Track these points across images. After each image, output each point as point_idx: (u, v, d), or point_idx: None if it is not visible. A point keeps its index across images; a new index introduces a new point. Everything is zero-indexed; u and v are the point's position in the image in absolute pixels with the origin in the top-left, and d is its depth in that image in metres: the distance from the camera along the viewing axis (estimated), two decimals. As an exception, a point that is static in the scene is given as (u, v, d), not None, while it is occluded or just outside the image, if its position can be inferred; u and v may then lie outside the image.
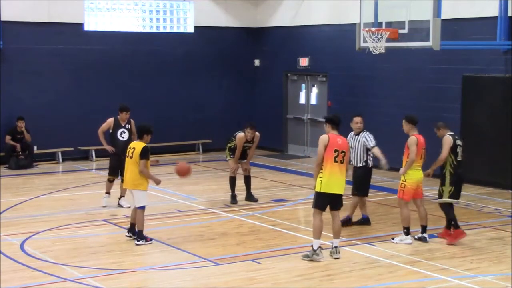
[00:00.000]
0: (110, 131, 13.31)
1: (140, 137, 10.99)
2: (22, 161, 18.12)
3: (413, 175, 10.72)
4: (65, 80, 18.98)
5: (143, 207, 10.82)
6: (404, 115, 11.70)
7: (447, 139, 10.83)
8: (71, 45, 19.03)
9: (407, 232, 10.79)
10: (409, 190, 10.74)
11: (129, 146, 11.10)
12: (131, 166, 10.83)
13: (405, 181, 10.73)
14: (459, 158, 10.87)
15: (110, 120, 13.33)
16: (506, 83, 15.07)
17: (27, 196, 14.56)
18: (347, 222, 11.68)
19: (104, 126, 13.35)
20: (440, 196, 10.89)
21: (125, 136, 13.15)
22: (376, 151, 11.60)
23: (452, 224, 10.89)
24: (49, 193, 15.00)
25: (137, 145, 10.86)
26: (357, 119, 11.89)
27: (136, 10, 20.19)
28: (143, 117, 13.65)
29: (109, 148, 13.27)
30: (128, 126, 13.30)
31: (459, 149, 10.89)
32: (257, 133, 13.81)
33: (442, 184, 10.87)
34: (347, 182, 10.19)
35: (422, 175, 10.82)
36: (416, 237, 10.88)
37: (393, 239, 10.86)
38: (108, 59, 19.52)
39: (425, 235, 10.85)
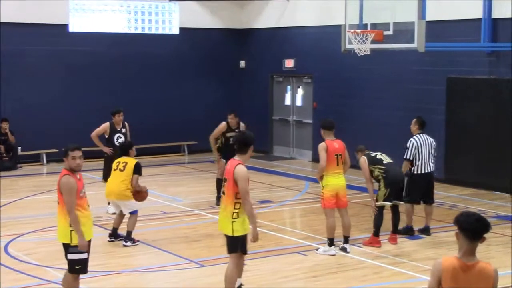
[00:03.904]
0: (106, 136, 12.99)
1: (126, 154, 11.05)
2: (6, 162, 18.02)
3: (330, 182, 10.22)
4: (49, 82, 18.88)
5: (136, 212, 10.91)
6: (390, 117, 11.73)
7: (362, 161, 10.74)
8: (56, 46, 18.93)
9: (330, 243, 10.37)
10: (328, 198, 10.23)
11: (118, 161, 11.05)
12: (119, 178, 10.80)
13: (322, 190, 10.34)
14: (385, 161, 10.74)
15: (106, 125, 13.01)
16: (490, 85, 15.15)
17: (11, 198, 14.47)
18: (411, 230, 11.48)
19: (99, 130, 13.02)
20: (377, 200, 10.77)
21: (121, 141, 12.70)
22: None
23: (373, 230, 10.79)
24: (33, 194, 14.92)
25: (129, 160, 10.94)
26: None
27: (121, 11, 20.12)
28: (128, 119, 13.57)
29: (107, 149, 12.84)
30: (123, 130, 13.06)
31: (379, 156, 10.81)
32: (242, 124, 13.62)
33: (379, 189, 10.79)
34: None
35: (343, 182, 10.36)
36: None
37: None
38: (93, 60, 19.44)
39: (346, 245, 10.43)
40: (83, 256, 7.62)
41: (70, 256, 7.62)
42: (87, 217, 7.69)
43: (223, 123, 13.46)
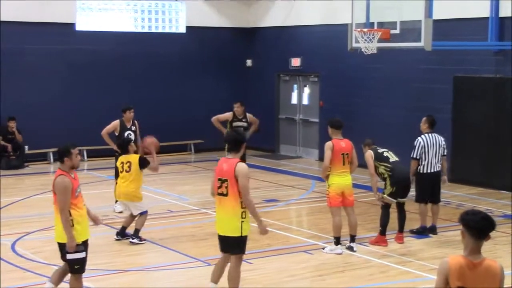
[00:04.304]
0: (116, 133, 13.00)
1: (126, 151, 11.12)
2: (13, 161, 18.08)
3: (335, 181, 10.19)
4: (56, 80, 18.92)
5: (145, 212, 10.97)
6: (396, 115, 11.71)
7: (368, 155, 10.73)
8: (63, 45, 18.97)
9: (337, 242, 10.32)
10: (334, 196, 10.21)
11: (121, 161, 11.07)
12: (127, 180, 10.86)
13: (328, 188, 10.33)
14: (392, 160, 10.70)
15: (116, 123, 13.05)
16: (497, 84, 15.12)
17: (18, 197, 14.52)
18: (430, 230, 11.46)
19: (109, 127, 13.06)
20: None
21: (132, 138, 12.62)
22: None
23: (380, 229, 10.76)
24: (40, 193, 14.95)
25: (132, 158, 10.96)
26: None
27: (128, 10, 20.16)
28: (135, 117, 13.58)
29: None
30: (133, 128, 13.10)
31: (386, 153, 10.79)
32: (249, 115, 13.84)
33: (385, 187, 10.78)
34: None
35: (349, 181, 10.33)
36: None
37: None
38: (100, 59, 19.47)
39: (353, 244, 10.41)
40: (81, 255, 7.59)
41: (69, 256, 7.60)
42: (83, 215, 7.65)
43: (230, 112, 13.84)
